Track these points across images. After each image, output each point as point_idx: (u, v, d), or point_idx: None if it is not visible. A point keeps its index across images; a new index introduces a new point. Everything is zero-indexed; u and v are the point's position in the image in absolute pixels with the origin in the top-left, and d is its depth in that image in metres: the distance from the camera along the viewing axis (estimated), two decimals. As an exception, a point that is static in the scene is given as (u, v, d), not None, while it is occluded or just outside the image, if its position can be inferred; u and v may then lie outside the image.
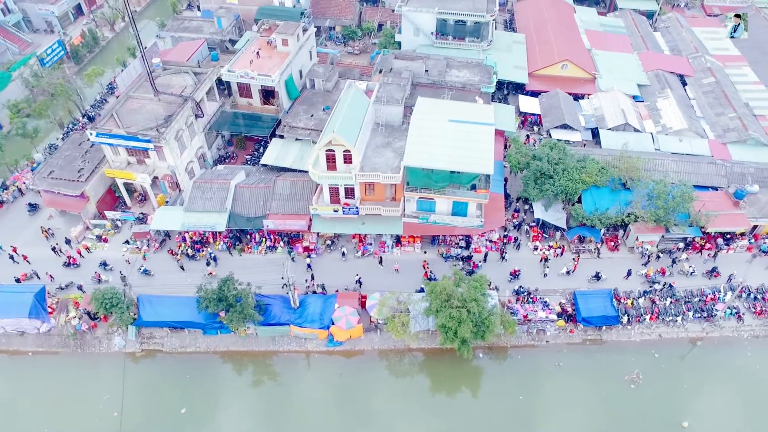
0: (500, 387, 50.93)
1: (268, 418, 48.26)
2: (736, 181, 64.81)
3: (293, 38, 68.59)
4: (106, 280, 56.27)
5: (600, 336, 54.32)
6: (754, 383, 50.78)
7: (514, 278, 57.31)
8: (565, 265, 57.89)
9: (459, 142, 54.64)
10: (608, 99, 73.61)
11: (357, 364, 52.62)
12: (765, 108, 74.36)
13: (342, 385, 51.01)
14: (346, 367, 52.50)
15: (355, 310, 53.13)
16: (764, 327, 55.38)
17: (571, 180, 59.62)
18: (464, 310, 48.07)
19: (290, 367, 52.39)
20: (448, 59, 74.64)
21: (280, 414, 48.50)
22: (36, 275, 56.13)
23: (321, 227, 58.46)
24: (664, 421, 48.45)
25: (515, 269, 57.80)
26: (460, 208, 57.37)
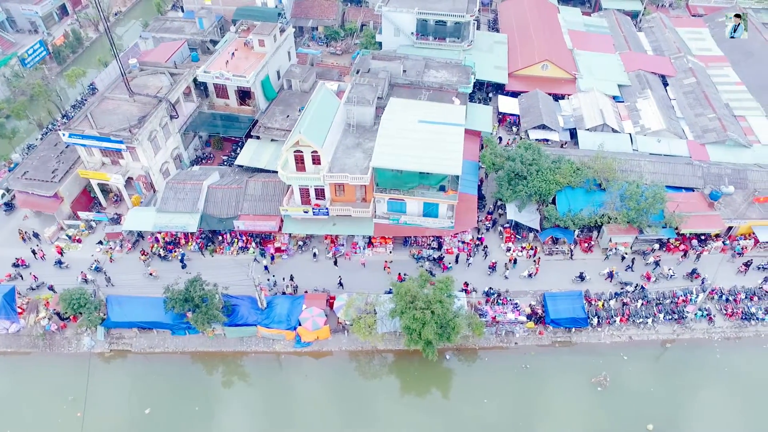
0: (466, 390, 50.76)
1: (232, 418, 48.24)
2: (713, 182, 64.47)
3: (270, 39, 68.59)
4: (93, 279, 56.18)
5: (569, 338, 54.06)
6: (721, 385, 50.56)
7: (492, 270, 57.60)
8: (527, 268, 57.32)
9: (428, 143, 54.51)
10: (587, 99, 73.35)
11: (325, 365, 52.57)
12: (745, 109, 73.95)
13: (308, 386, 50.80)
14: (314, 368, 52.43)
15: (322, 311, 53.04)
16: (735, 329, 55.06)
17: (544, 181, 59.40)
18: (428, 312, 47.85)
19: (257, 367, 52.37)
20: (427, 59, 74.51)
21: (245, 415, 48.52)
22: (20, 276, 56.21)
23: (292, 228, 58.45)
24: (629, 424, 48.22)
25: (493, 262, 58.00)
26: (431, 209, 57.20)
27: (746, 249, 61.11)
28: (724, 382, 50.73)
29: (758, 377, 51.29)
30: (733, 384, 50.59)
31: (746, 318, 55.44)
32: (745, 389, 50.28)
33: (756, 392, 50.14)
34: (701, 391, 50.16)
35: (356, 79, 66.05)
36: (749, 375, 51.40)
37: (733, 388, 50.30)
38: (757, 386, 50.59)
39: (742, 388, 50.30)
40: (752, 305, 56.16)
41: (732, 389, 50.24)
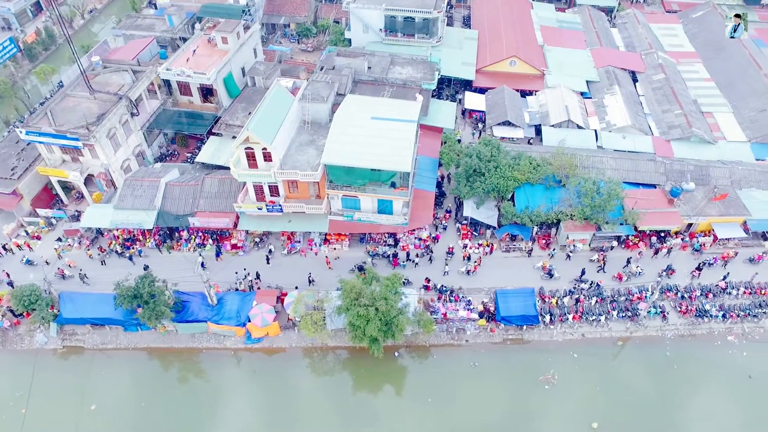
0: (412, 388, 50.87)
1: (178, 415, 48.36)
2: (676, 178, 64.07)
3: (233, 36, 68.66)
4: (71, 275, 56.66)
5: (521, 335, 53.92)
6: (668, 383, 50.28)
7: (450, 255, 58.24)
8: (465, 265, 57.28)
9: (379, 139, 54.37)
10: (554, 95, 73.02)
11: (276, 362, 52.73)
12: (713, 105, 73.47)
13: (257, 382, 50.93)
14: (266, 364, 52.63)
15: (272, 308, 53.15)
16: (688, 326, 54.79)
17: (502, 177, 59.21)
18: (372, 309, 47.78)
19: (208, 364, 52.61)
20: (393, 56, 74.41)
21: (192, 411, 48.64)
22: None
23: (248, 225, 58.52)
24: (575, 422, 48.02)
25: (450, 246, 58.77)
26: (386, 206, 57.14)
27: (705, 246, 60.56)
28: (671, 380, 50.55)
29: (706, 374, 51.12)
30: (680, 382, 50.42)
31: (700, 315, 55.01)
32: (692, 387, 50.15)
33: (702, 389, 49.94)
34: (648, 389, 49.94)
35: (314, 76, 66.02)
36: (697, 372, 51.25)
37: (680, 386, 50.13)
38: (703, 383, 50.40)
39: (689, 386, 50.14)
40: (707, 302, 55.67)
41: (679, 387, 50.08)
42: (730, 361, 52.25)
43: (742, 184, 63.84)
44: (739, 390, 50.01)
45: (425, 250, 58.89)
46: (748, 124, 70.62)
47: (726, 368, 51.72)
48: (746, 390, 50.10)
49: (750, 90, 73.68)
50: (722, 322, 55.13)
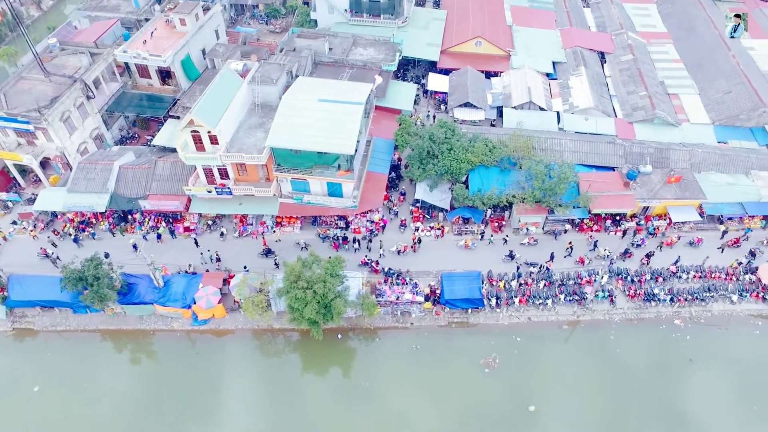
0: (350, 371, 51.19)
1: (119, 396, 48.88)
2: (635, 161, 63.48)
3: (191, 17, 68.30)
4: (53, 254, 57.10)
5: (466, 319, 53.95)
6: (607, 366, 50.27)
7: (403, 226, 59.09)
8: (396, 243, 57.73)
9: (325, 122, 54.16)
10: (517, 77, 72.25)
11: (220, 343, 53.04)
12: (680, 87, 72.46)
13: (199, 363, 51.31)
14: (210, 345, 52.94)
15: (217, 290, 53.39)
16: (636, 310, 54.53)
17: (456, 160, 58.79)
18: (310, 292, 47.89)
19: (155, 345, 53.15)
20: (355, 37, 73.85)
21: (132, 392, 49.18)
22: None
23: (199, 208, 58.64)
24: (512, 405, 48.14)
25: (403, 219, 60.00)
26: (335, 189, 57.06)
27: (659, 230, 60.11)
28: (612, 364, 50.55)
29: (647, 358, 50.94)
30: (620, 365, 50.38)
31: (648, 299, 54.74)
32: (632, 370, 50.04)
33: (642, 373, 49.82)
34: (587, 372, 49.92)
35: (273, 58, 65.64)
36: (639, 356, 51.08)
37: (620, 370, 50.07)
38: (643, 367, 50.25)
39: (629, 370, 50.05)
40: (656, 286, 55.36)
41: (619, 370, 50.02)
42: (674, 344, 52.17)
43: (701, 167, 63.16)
44: (679, 373, 49.94)
45: (370, 234, 58.63)
46: (713, 106, 69.66)
47: (668, 352, 51.64)
48: (685, 373, 49.96)
49: (718, 71, 72.52)
50: (670, 306, 54.77)
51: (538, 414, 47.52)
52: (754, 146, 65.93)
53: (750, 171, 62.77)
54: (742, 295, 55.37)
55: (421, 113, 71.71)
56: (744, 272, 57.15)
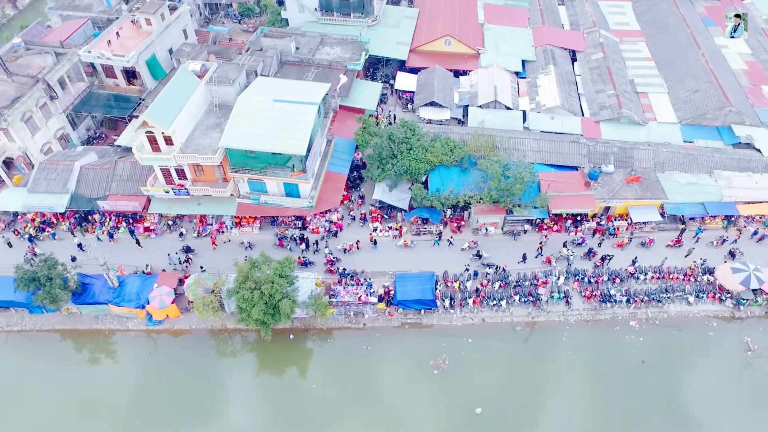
0: (299, 372, 51.31)
1: (69, 395, 49.12)
2: (599, 160, 63.18)
3: (156, 17, 68.38)
4: (42, 253, 56.46)
5: (420, 319, 53.80)
6: (557, 368, 50.08)
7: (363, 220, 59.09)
8: (342, 242, 57.87)
9: (279, 122, 54.15)
10: (485, 75, 71.89)
11: (174, 343, 53.24)
12: (649, 85, 71.93)
13: (151, 363, 51.56)
14: (164, 345, 53.13)
15: (171, 290, 53.56)
16: (592, 311, 54.22)
17: (415, 159, 58.65)
18: (257, 292, 47.97)
19: (109, 345, 53.36)
20: (323, 36, 73.77)
21: (83, 391, 49.46)
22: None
23: (159, 208, 58.82)
24: (458, 407, 48.01)
25: (363, 213, 60.31)
26: (292, 189, 57.07)
27: (618, 230, 59.75)
28: (562, 366, 50.36)
29: (598, 360, 50.81)
30: (571, 367, 50.24)
31: (605, 300, 54.43)
32: (581, 372, 49.89)
33: (591, 375, 49.69)
34: (536, 374, 49.79)
35: (239, 58, 65.69)
36: (590, 358, 50.92)
37: (569, 372, 49.86)
38: (593, 369, 50.11)
39: (578, 371, 49.86)
40: (612, 287, 55.06)
41: (568, 372, 49.84)
42: (627, 346, 51.92)
43: (665, 167, 62.73)
44: (630, 375, 49.72)
45: (327, 234, 58.64)
46: (681, 105, 69.13)
47: (620, 353, 51.34)
48: (637, 375, 49.77)
49: (687, 70, 71.93)
50: (626, 307, 54.40)
51: (484, 416, 47.39)
52: (720, 145, 65.38)
53: (713, 171, 62.12)
54: (698, 296, 54.96)
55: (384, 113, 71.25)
56: (702, 273, 56.53)
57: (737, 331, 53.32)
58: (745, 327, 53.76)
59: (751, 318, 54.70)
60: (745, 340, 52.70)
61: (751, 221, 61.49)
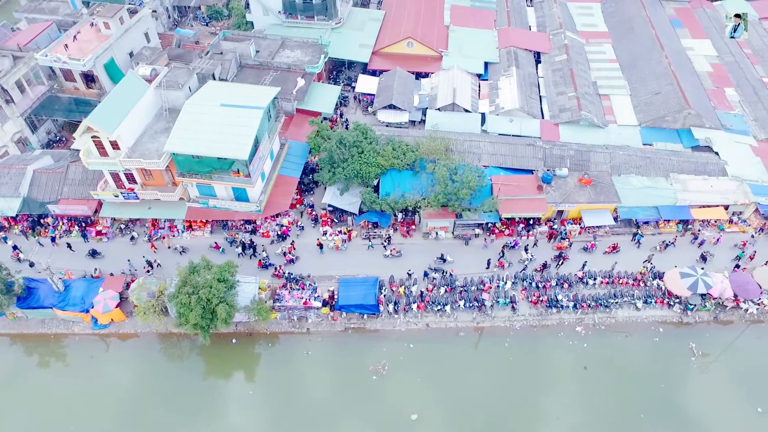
0: (237, 376, 51.18)
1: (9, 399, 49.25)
2: (554, 163, 62.83)
3: (114, 21, 68.50)
4: (25, 259, 57.69)
5: (363, 324, 53.59)
6: (497, 375, 49.74)
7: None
8: (281, 246, 57.98)
9: (223, 127, 54.06)
10: (446, 78, 71.56)
11: (121, 347, 53.30)
12: (611, 87, 71.45)
13: (92, 367, 51.58)
14: (111, 349, 53.12)
15: (116, 294, 53.63)
16: (538, 317, 53.83)
17: (365, 163, 58.48)
18: (195, 297, 48.00)
19: (54, 349, 53.30)
20: (284, 39, 73.68)
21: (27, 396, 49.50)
22: None
23: (110, 212, 58.94)
24: (394, 413, 47.73)
25: (309, 209, 60.41)
26: (241, 193, 57.03)
27: (570, 234, 59.32)
28: (502, 372, 50.03)
29: (540, 366, 50.36)
30: (510, 373, 49.87)
31: (551, 306, 54.04)
32: (522, 378, 49.49)
33: (531, 381, 49.24)
34: (475, 381, 49.37)
35: (198, 62, 65.68)
36: (532, 364, 50.51)
37: (509, 378, 49.57)
38: (534, 375, 49.65)
39: (518, 378, 49.54)
40: (560, 292, 54.67)
41: (507, 379, 49.53)
42: (570, 352, 51.52)
43: (621, 170, 62.25)
44: (572, 381, 49.38)
45: (278, 238, 58.59)
46: (642, 107, 68.58)
47: (563, 359, 50.95)
48: (578, 381, 49.36)
49: (650, 72, 71.28)
50: (573, 312, 53.95)
51: (420, 422, 47.14)
52: (679, 148, 64.83)
53: (670, 174, 61.54)
54: (647, 302, 54.47)
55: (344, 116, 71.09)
56: (652, 278, 56.06)
57: (683, 337, 52.85)
58: (693, 332, 53.13)
59: (700, 323, 53.95)
60: (690, 346, 51.88)
61: (707, 225, 60.62)
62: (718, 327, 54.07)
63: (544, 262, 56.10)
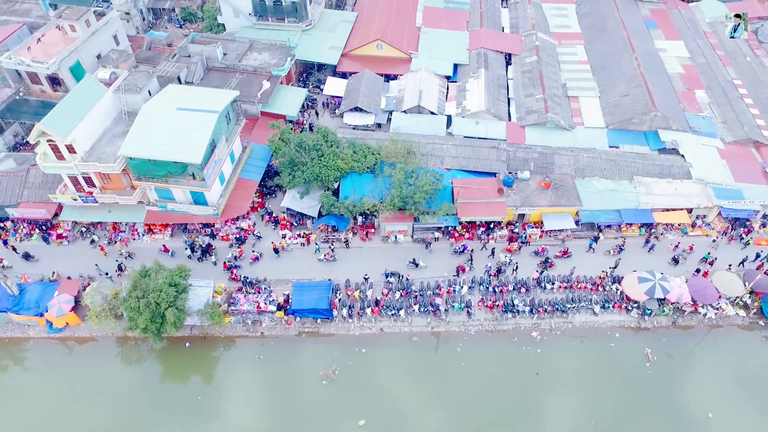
0: (188, 381, 50.98)
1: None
2: (518, 166, 62.42)
3: (80, 24, 68.45)
4: (9, 266, 57.74)
5: (317, 328, 53.39)
6: (447, 380, 49.46)
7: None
8: (231, 250, 57.86)
9: (178, 131, 54.04)
10: (413, 80, 71.23)
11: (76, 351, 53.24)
12: (581, 89, 70.98)
13: (45, 371, 51.56)
14: (64, 353, 53.12)
15: (71, 298, 53.62)
16: (494, 322, 53.47)
17: (325, 166, 58.28)
18: (144, 301, 47.97)
19: (7, 353, 53.23)
20: (253, 41, 73.50)
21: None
22: None
23: (70, 215, 58.99)
24: (343, 419, 47.58)
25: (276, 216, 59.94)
26: (199, 197, 56.96)
27: (531, 238, 58.91)
28: (450, 377, 49.67)
29: (491, 371, 50.01)
30: (460, 379, 49.51)
31: (507, 310, 53.66)
32: (471, 384, 49.12)
33: (481, 387, 48.91)
34: (424, 386, 49.09)
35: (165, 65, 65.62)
36: (483, 370, 50.14)
37: (458, 383, 49.17)
38: (485, 380, 49.30)
39: (467, 383, 49.18)
40: (516, 297, 54.28)
41: (457, 384, 49.17)
42: (523, 357, 51.15)
43: (585, 173, 61.77)
44: (523, 387, 49.05)
45: (236, 241, 58.45)
46: (610, 109, 68.06)
47: (516, 365, 50.60)
48: (529, 387, 49.00)
49: (620, 73, 70.78)
50: (530, 317, 53.55)
51: (367, 428, 46.89)
52: (645, 151, 64.29)
53: (634, 177, 61.00)
54: (604, 306, 53.99)
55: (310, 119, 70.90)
56: (612, 282, 55.61)
57: (640, 342, 52.42)
58: (650, 338, 52.67)
59: (659, 328, 53.43)
60: (645, 351, 51.39)
61: (671, 229, 60.10)
62: (677, 332, 53.55)
63: (498, 266, 55.54)
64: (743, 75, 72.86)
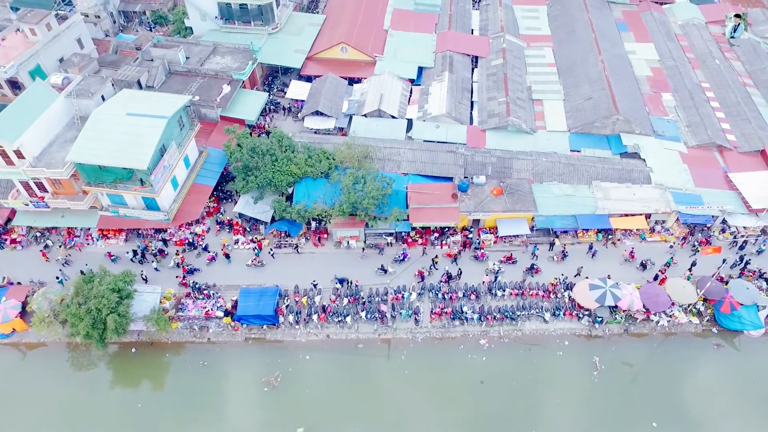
0: (129, 387, 50.70)
1: None
2: (476, 171, 61.84)
3: (41, 27, 68.34)
4: None
5: (263, 335, 53.08)
6: (388, 388, 49.05)
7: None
8: (173, 257, 57.70)
9: (126, 136, 53.78)
10: (376, 83, 70.75)
11: (23, 357, 53.10)
12: (546, 92, 70.18)
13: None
14: (13, 359, 53.06)
15: (18, 303, 53.56)
16: (441, 329, 52.94)
17: (278, 171, 57.97)
18: (84, 307, 47.86)
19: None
20: (216, 45, 73.28)
21: None
22: None
23: (24, 220, 58.98)
24: (283, 426, 47.27)
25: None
26: (151, 202, 56.77)
27: (484, 244, 58.29)
28: (393, 385, 49.27)
29: (435, 379, 49.52)
30: (402, 387, 49.10)
31: (455, 317, 53.11)
32: (413, 392, 48.70)
33: (423, 394, 48.45)
34: (365, 393, 48.72)
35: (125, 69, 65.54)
36: (426, 377, 49.68)
37: (400, 391, 48.76)
38: (428, 388, 48.81)
39: (409, 391, 48.78)
40: (465, 304, 53.70)
41: (397, 392, 48.73)
42: (468, 365, 50.61)
43: (544, 177, 61.08)
44: (466, 396, 48.50)
45: (188, 246, 58.24)
46: (573, 112, 67.24)
47: (460, 373, 50.04)
48: (473, 396, 48.47)
49: (585, 76, 69.96)
50: (478, 324, 52.95)
51: (306, 436, 46.43)
52: (607, 155, 63.52)
53: (592, 181, 60.23)
54: (555, 314, 53.28)
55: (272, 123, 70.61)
56: (564, 289, 54.91)
57: (589, 351, 51.74)
58: (600, 346, 51.95)
59: (611, 336, 52.67)
60: (594, 359, 50.67)
61: (629, 234, 59.31)
62: (629, 340, 52.88)
63: (447, 272, 54.97)
64: (711, 78, 71.83)
